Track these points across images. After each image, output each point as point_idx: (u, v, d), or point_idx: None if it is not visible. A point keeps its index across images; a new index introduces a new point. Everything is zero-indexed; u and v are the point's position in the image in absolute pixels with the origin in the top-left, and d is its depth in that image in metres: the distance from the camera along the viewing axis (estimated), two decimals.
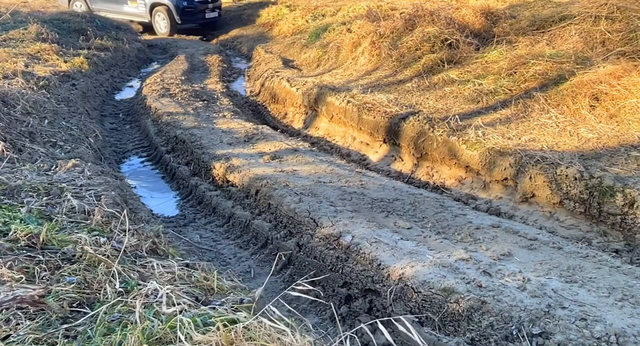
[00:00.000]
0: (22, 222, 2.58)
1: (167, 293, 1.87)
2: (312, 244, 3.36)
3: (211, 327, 1.66)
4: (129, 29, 12.86)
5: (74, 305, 1.91)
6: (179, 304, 1.81)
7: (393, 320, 1.74)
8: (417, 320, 2.53)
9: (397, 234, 3.22)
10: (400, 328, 1.63)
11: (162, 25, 14.14)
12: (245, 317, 1.75)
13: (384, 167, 5.18)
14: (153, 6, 13.90)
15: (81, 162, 3.98)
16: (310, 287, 2.02)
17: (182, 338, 1.60)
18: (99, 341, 1.66)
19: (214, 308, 1.87)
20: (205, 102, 7.27)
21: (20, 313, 1.80)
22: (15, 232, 2.37)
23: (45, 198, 3.03)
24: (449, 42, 6.72)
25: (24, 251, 2.25)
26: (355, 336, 1.80)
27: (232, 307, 1.91)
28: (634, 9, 5.77)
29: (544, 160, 3.83)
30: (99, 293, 1.99)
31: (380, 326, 1.63)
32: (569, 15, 6.37)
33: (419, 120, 4.95)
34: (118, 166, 5.60)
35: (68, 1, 14.56)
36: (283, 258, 3.48)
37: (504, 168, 4.04)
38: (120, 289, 2.01)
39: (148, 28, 14.47)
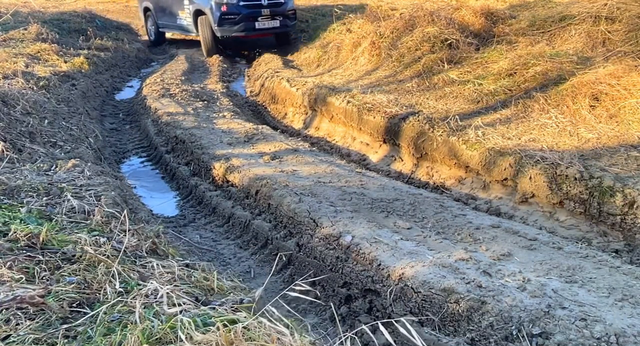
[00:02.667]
0: (22, 222, 2.58)
1: (167, 293, 1.87)
2: (312, 244, 3.36)
3: (211, 327, 1.67)
4: (129, 29, 12.86)
5: (74, 305, 1.91)
6: (179, 304, 1.81)
7: (394, 322, 1.74)
8: (417, 320, 2.53)
9: (397, 234, 3.22)
10: (402, 330, 1.63)
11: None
12: (245, 317, 1.75)
13: (384, 167, 5.18)
14: (197, 15, 10.77)
15: (81, 162, 3.99)
16: (310, 288, 2.02)
17: (183, 338, 1.60)
18: (99, 341, 1.66)
19: (214, 308, 1.87)
20: (205, 102, 7.27)
21: (20, 313, 1.80)
22: (15, 232, 2.37)
23: (45, 198, 3.03)
24: (449, 42, 6.71)
25: (24, 251, 2.26)
26: (356, 337, 1.80)
27: (232, 307, 1.91)
28: (634, 9, 5.77)
29: (543, 160, 3.83)
30: (99, 293, 1.99)
31: (382, 328, 1.63)
32: (569, 15, 6.37)
33: (419, 121, 4.95)
34: (118, 166, 5.60)
35: (144, 19, 12.98)
36: (283, 258, 3.48)
37: (503, 169, 4.04)
38: (120, 289, 2.01)
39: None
